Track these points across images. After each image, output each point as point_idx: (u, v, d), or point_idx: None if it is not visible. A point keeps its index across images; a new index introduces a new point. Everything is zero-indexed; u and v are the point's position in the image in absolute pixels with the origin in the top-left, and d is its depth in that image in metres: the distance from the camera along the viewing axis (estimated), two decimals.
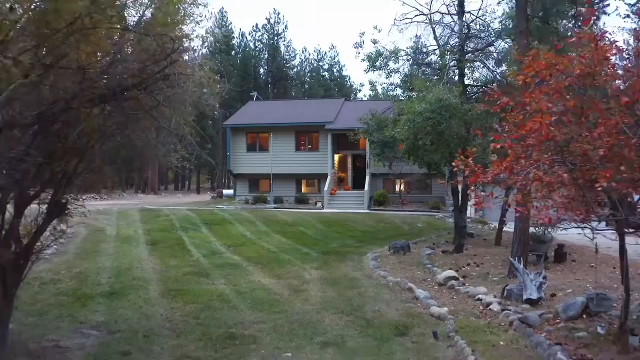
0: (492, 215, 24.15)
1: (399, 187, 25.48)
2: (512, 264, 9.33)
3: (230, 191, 30.39)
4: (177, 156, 6.53)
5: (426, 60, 15.93)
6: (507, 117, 6.25)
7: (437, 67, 15.12)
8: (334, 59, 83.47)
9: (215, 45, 68.06)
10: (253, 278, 10.13)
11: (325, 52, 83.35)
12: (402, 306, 8.05)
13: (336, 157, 27.33)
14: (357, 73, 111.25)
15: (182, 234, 16.49)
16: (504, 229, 15.90)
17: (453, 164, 5.29)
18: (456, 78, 13.93)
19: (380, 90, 17.73)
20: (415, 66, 15.92)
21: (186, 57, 5.31)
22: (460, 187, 16.69)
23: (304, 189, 27.54)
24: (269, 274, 10.55)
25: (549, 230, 12.55)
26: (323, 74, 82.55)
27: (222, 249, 13.97)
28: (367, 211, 23.13)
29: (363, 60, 15.73)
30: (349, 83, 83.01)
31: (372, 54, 15.28)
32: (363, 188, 24.78)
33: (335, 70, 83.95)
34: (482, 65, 13.59)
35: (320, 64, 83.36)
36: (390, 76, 15.61)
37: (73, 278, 10.17)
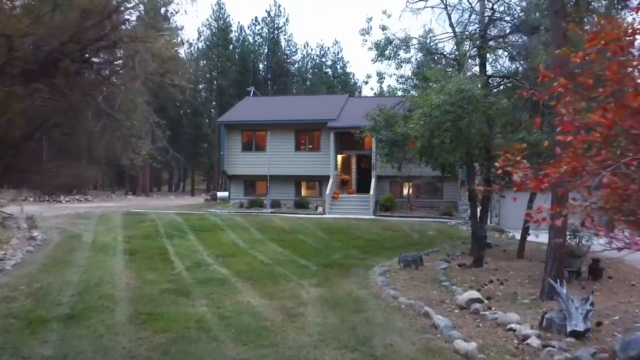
0: (508, 223, 22.95)
1: (408, 191, 24.28)
2: (552, 286, 8.14)
3: (225, 193, 29.24)
4: (142, 149, 5.39)
5: (441, 51, 14.77)
6: (557, 105, 5.07)
7: (454, 57, 13.95)
8: (338, 54, 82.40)
9: (212, 38, 67.18)
10: (241, 298, 8.95)
11: (328, 48, 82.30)
12: (419, 338, 6.86)
13: (339, 157, 26.16)
14: (361, 70, 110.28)
15: (167, 241, 15.36)
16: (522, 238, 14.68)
17: (496, 164, 4.10)
18: (475, 69, 12.76)
19: (388, 83, 16.54)
20: (428, 56, 14.76)
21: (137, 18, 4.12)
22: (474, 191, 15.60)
23: (303, 192, 26.37)
24: (260, 293, 9.37)
25: (584, 242, 11.42)
26: (326, 70, 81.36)
27: (209, 260, 12.81)
28: (373, 217, 21.95)
29: (370, 49, 14.60)
30: (353, 80, 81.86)
31: (380, 41, 14.13)
32: (368, 192, 23.60)
33: (338, 66, 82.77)
34: (507, 54, 12.42)
35: (323, 59, 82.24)
36: (401, 67, 14.46)
37: (30, 296, 9.03)
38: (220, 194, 32.65)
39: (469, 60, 12.70)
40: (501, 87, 12.23)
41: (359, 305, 8.61)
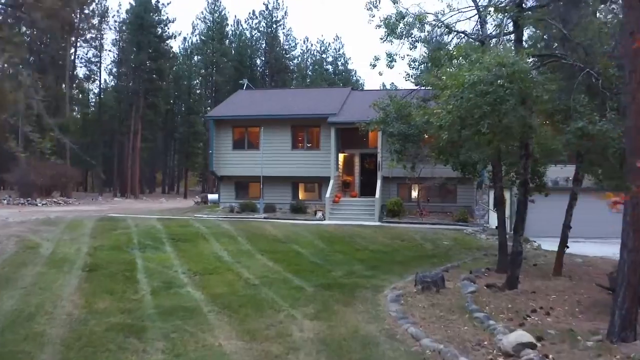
0: (531, 230, 20.82)
1: (418, 194, 22.16)
2: (626, 323, 6.05)
3: (216, 196, 27.15)
4: None
5: (461, 30, 12.71)
6: None
7: (476, 37, 11.87)
8: (339, 50, 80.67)
9: (206, 32, 65.19)
10: (211, 339, 6.88)
11: (329, 44, 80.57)
12: None
13: (341, 156, 24.06)
14: (363, 67, 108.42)
15: (137, 254, 13.29)
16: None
17: None
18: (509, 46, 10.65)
19: (398, 72, 14.43)
20: (446, 35, 12.71)
21: None
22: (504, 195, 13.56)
23: (301, 195, 24.27)
24: (237, 330, 7.30)
25: None
26: (326, 67, 79.43)
27: (182, 280, 10.74)
28: (379, 224, 19.87)
29: (379, 26, 12.53)
30: (355, 77, 79.94)
31: (391, 17, 12.06)
32: (373, 195, 21.54)
33: (340, 63, 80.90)
34: (545, 30, 10.35)
35: (324, 56, 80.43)
36: (415, 47, 12.38)
37: None
38: (211, 196, 30.55)
39: (497, 39, 10.60)
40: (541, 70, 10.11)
41: (369, 351, 6.52)
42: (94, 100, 65.15)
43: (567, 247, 12.46)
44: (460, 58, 8.48)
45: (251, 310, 8.33)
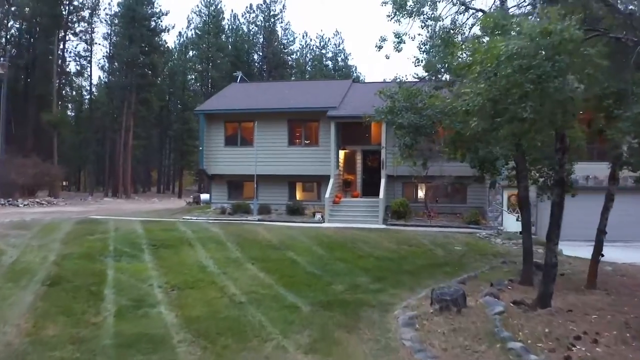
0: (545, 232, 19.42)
1: (425, 194, 20.63)
2: None
3: (209, 196, 25.64)
4: None
5: (480, 7, 11.20)
6: None
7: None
8: (339, 46, 79.39)
9: (202, 26, 63.65)
10: None
11: (329, 39, 79.20)
12: None
13: (341, 153, 22.54)
14: (364, 63, 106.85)
15: (111, 263, 11.81)
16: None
17: None
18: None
19: (406, 57, 12.94)
20: (463, 14, 11.22)
21: None
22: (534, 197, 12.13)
23: (298, 196, 22.76)
24: None
25: None
26: (326, 63, 77.96)
27: (156, 296, 9.26)
28: (383, 226, 18.36)
29: (385, 3, 11.04)
30: (355, 73, 78.33)
31: None
32: (377, 195, 20.04)
33: (340, 59, 79.46)
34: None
35: (323, 51, 79.05)
36: (427, 26, 10.88)
37: None
38: (204, 196, 29.05)
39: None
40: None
41: None
42: (88, 96, 63.69)
43: (602, 255, 10.97)
44: (495, 27, 6.89)
45: (232, 339, 6.84)
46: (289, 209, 20.80)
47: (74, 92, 64.12)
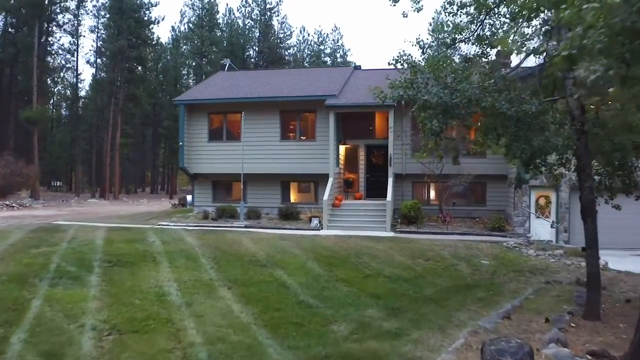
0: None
1: (441, 195, 17.71)
2: None
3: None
4: None
5: None
6: None
7: None
8: (337, 42, 76.68)
9: (195, 20, 60.80)
10: None
11: (327, 35, 76.49)
12: None
13: (342, 149, 19.68)
14: (364, 60, 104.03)
15: (42, 290, 9.01)
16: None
17: None
18: None
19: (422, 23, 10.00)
20: None
21: None
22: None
23: (293, 198, 19.89)
24: None
25: None
26: (324, 59, 75.18)
27: (82, 346, 6.46)
28: (392, 234, 15.52)
29: None
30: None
31: None
32: (383, 196, 17.24)
33: (338, 55, 76.71)
34: None
35: (322, 47, 76.33)
36: None
37: None
38: (190, 198, 26.18)
39: None
40: None
41: None
42: (79, 93, 60.74)
43: None
44: None
45: None
46: (281, 213, 17.94)
47: (68, 89, 61.33)
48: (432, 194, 18.89)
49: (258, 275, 10.38)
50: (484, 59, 8.66)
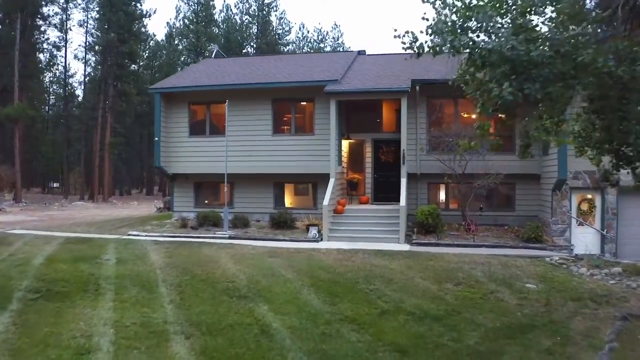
0: (624, 250, 13.76)
1: (464, 199, 14.71)
2: None
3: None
4: None
5: None
6: None
7: None
8: (338, 40, 73.69)
9: (190, 15, 57.97)
10: None
11: (327, 32, 73.57)
12: None
13: (345, 144, 16.75)
14: None
15: None
16: None
17: None
18: None
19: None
20: None
21: None
22: None
23: (288, 202, 16.94)
24: None
25: None
26: None
27: None
28: (407, 248, 12.61)
29: None
30: None
31: None
32: (394, 200, 14.38)
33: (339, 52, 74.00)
34: None
35: (322, 45, 73.44)
36: None
37: None
38: None
39: None
40: None
41: None
42: (74, 90, 57.89)
43: None
44: None
45: None
46: (273, 220, 15.01)
47: (55, 86, 58.54)
48: (451, 197, 15.95)
49: (233, 313, 7.47)
50: None
